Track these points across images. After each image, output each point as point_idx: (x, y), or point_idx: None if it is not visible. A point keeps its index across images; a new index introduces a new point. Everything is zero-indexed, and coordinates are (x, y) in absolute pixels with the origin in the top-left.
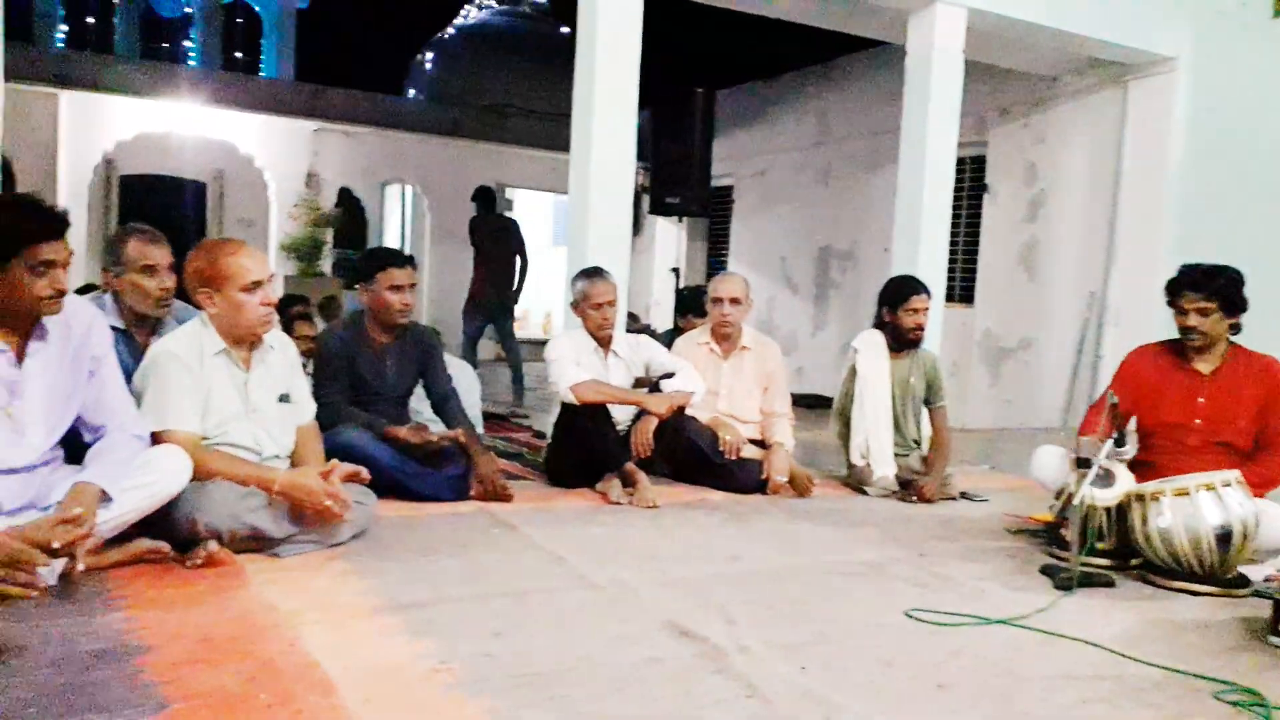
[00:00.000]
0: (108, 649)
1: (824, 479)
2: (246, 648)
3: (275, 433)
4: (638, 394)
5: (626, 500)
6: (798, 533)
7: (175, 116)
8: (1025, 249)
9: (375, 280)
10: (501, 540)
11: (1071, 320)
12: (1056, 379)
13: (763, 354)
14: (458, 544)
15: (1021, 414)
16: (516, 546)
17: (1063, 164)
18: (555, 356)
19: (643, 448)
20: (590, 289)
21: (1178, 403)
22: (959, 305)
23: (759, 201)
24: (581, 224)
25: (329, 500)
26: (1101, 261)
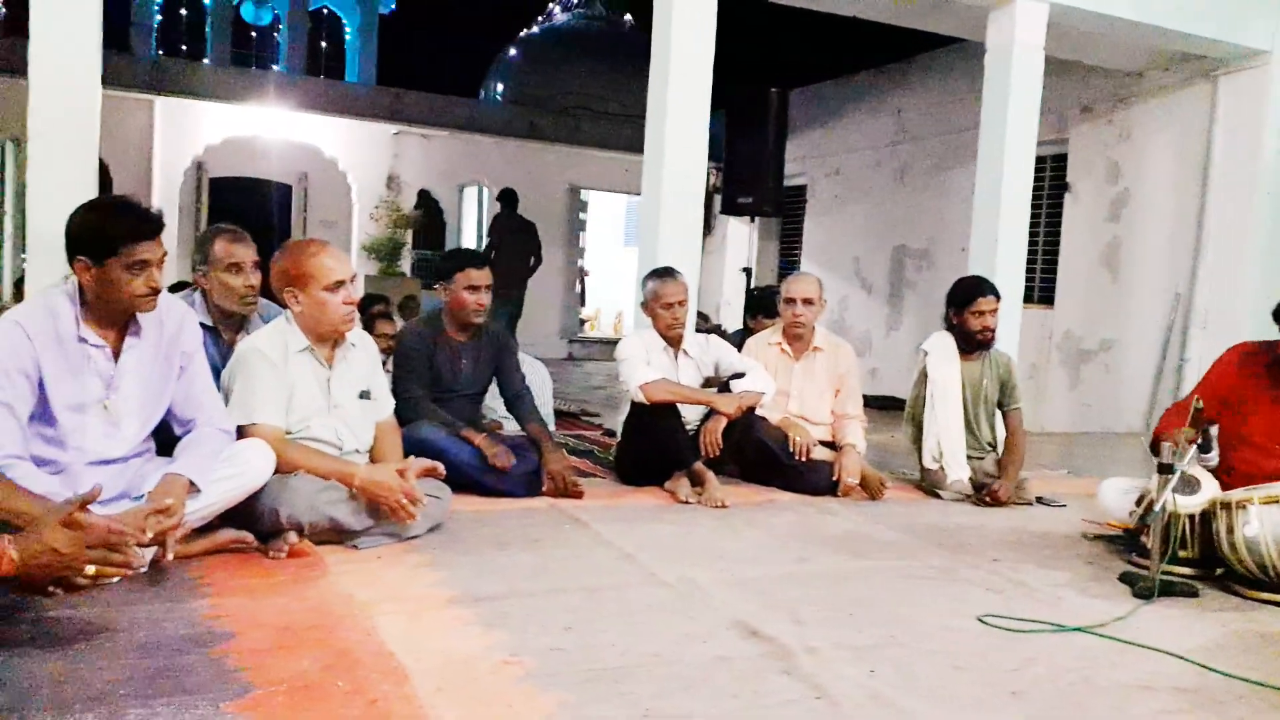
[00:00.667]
0: (193, 635)
1: (896, 482)
2: (325, 636)
3: (355, 428)
4: (707, 393)
5: (695, 499)
6: (868, 535)
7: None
8: (1107, 249)
9: (453, 280)
10: (572, 536)
11: (1155, 322)
12: (1138, 383)
13: (835, 355)
14: (529, 539)
15: (1101, 418)
16: (587, 543)
17: (1147, 162)
18: (626, 355)
19: (711, 447)
20: (661, 289)
21: (1264, 430)
22: (1038, 306)
23: (832, 201)
24: (653, 224)
25: (404, 498)
26: (1188, 262)
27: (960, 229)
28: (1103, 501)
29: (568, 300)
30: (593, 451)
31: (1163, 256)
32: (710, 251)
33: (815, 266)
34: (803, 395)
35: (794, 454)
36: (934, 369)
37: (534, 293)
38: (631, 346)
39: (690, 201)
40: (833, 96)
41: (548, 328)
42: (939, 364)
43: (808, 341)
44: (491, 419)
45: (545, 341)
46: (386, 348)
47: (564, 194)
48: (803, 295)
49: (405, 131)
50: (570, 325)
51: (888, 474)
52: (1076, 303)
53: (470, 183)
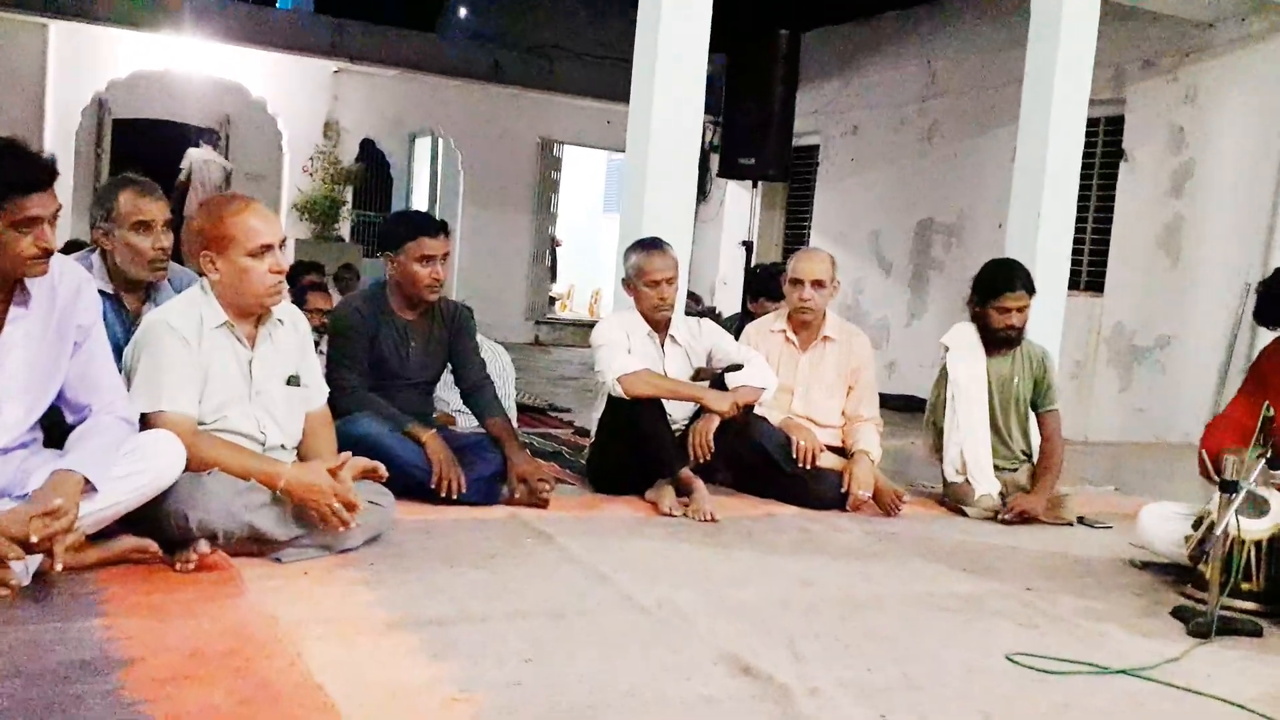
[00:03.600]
0: (85, 660)
1: (916, 495)
2: (241, 664)
3: (282, 419)
4: (697, 388)
5: (680, 511)
6: (882, 556)
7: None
8: (1167, 229)
9: (402, 249)
10: (536, 552)
11: (1221, 315)
12: (1200, 385)
13: (848, 346)
14: (486, 554)
15: (1156, 425)
16: (552, 560)
17: (1217, 128)
18: (603, 341)
19: (701, 450)
20: (646, 263)
21: None
22: (1085, 294)
23: (849, 165)
24: (638, 187)
25: (338, 503)
26: (1260, 247)
27: (997, 201)
28: (1143, 531)
29: (535, 275)
30: (561, 453)
31: (1231, 239)
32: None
33: (827, 242)
34: (809, 392)
35: (797, 461)
36: (955, 366)
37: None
38: (610, 330)
39: (683, 161)
40: (852, 42)
41: (511, 307)
42: (961, 360)
43: (817, 329)
44: (444, 412)
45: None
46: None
47: (533, 149)
48: (812, 275)
49: (346, 70)
50: (538, 304)
51: (905, 486)
52: (1130, 291)
53: (422, 132)
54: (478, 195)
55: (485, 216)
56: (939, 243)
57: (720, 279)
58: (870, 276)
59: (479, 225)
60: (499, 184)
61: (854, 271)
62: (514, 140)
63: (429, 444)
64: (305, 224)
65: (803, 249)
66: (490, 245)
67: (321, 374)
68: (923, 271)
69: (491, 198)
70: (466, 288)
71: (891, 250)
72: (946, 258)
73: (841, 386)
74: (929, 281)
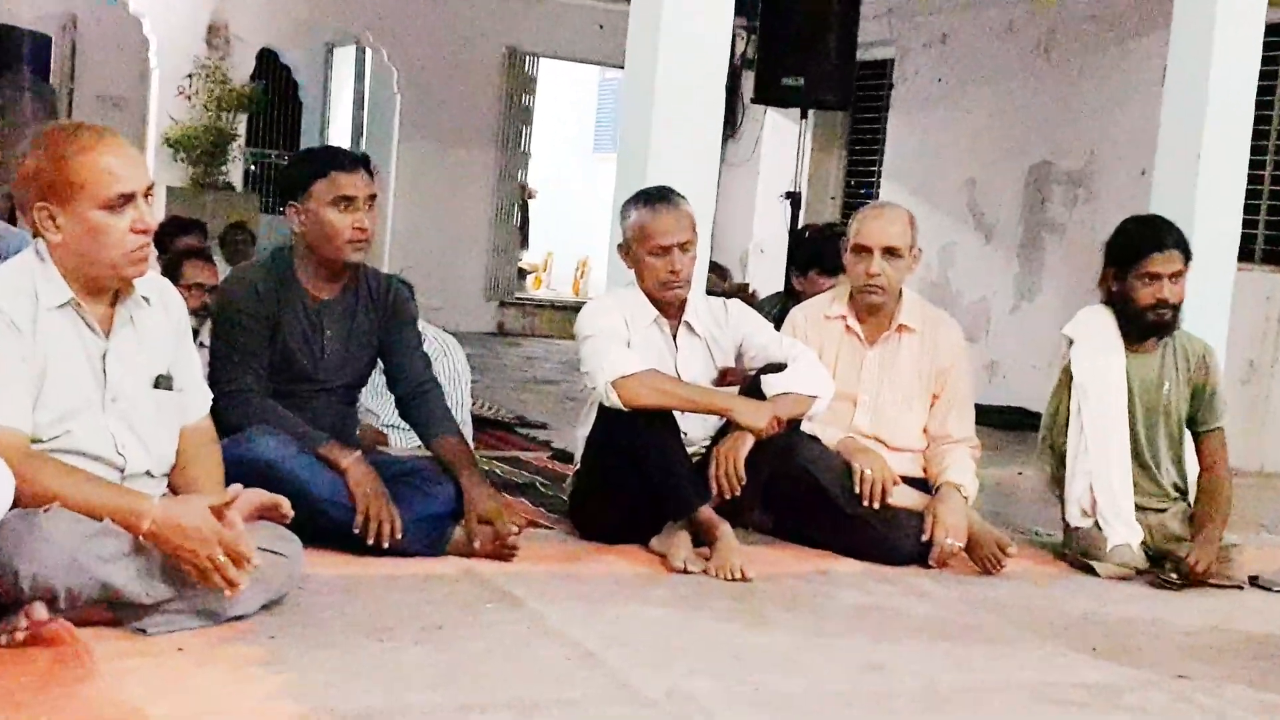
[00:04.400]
0: None
1: (1026, 547)
2: None
3: (147, 436)
4: (723, 395)
5: (699, 567)
6: (978, 632)
7: None
8: None
9: (309, 193)
10: (500, 622)
11: None
12: None
13: (933, 339)
14: (429, 625)
15: None
16: (522, 632)
17: None
18: (592, 330)
19: (729, 483)
20: (652, 223)
21: None
22: (1262, 268)
23: (934, 88)
24: (642, 117)
25: (225, 553)
26: None
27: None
28: None
29: (499, 238)
30: (535, 485)
31: None
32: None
33: (904, 195)
34: (879, 402)
35: (861, 497)
36: (1082, 366)
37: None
38: (602, 316)
39: (703, 82)
40: None
41: (466, 283)
42: (1090, 357)
43: (889, 316)
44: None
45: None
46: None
47: (497, 63)
48: (884, 240)
49: None
50: (503, 279)
51: (1012, 534)
52: None
53: (344, 40)
54: (420, 128)
55: (430, 158)
56: (1059, 196)
57: (755, 246)
58: (964, 242)
59: (421, 170)
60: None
61: (941, 235)
62: (470, 51)
63: (351, 472)
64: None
65: (870, 204)
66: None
67: (203, 374)
68: (1036, 236)
69: (439, 132)
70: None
71: (993, 206)
72: (1069, 217)
73: (923, 394)
74: (1045, 249)
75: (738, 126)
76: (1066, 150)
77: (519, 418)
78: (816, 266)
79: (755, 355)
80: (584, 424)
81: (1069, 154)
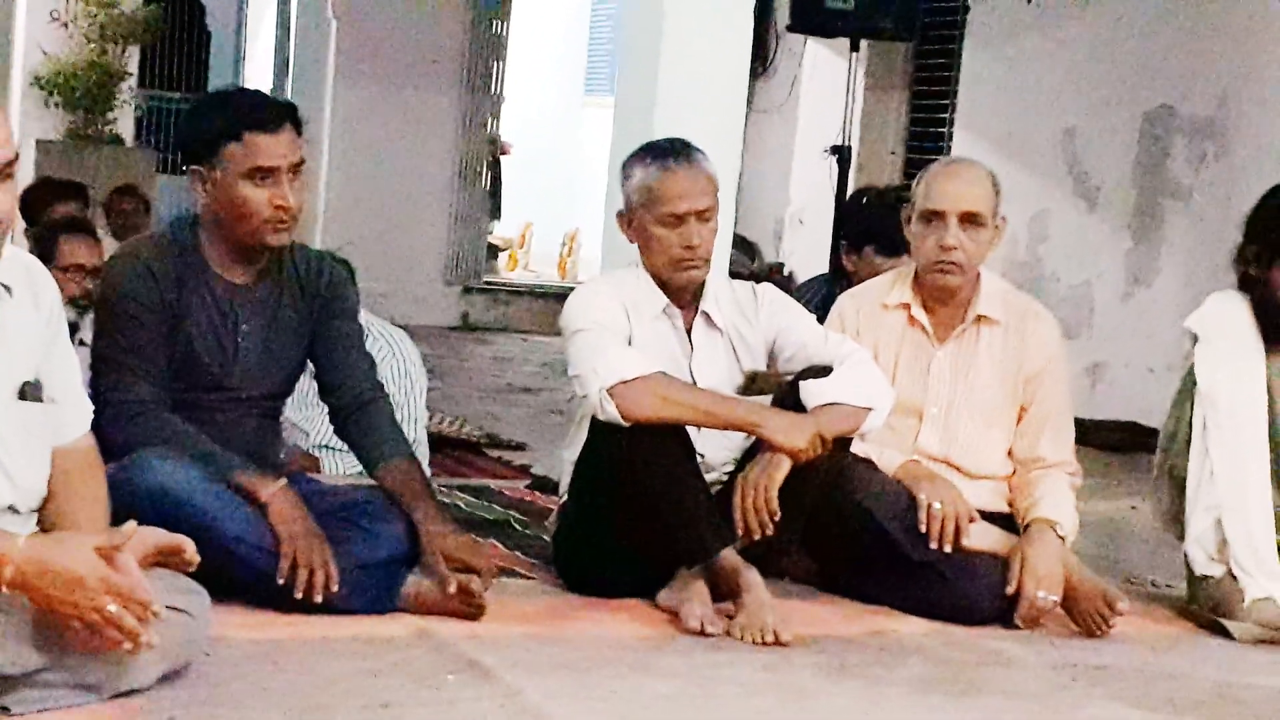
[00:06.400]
0: None
1: (1140, 600)
2: None
3: (10, 460)
4: (751, 406)
5: (720, 627)
6: (1080, 711)
7: None
8: None
9: (219, 155)
10: (463, 699)
11: None
12: None
13: (1021, 336)
14: (373, 702)
15: None
16: (492, 713)
17: None
18: (583, 323)
19: (757, 518)
20: (661, 184)
21: None
22: None
23: (1022, 12)
24: (646, 51)
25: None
26: None
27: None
28: None
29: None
30: (509, 522)
31: None
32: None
33: (983, 149)
34: (951, 417)
35: (928, 539)
36: (1212, 370)
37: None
38: (596, 305)
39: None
40: None
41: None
42: (1221, 361)
43: (965, 304)
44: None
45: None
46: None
47: None
48: (960, 205)
49: None
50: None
51: (1122, 585)
52: None
53: None
54: (361, 65)
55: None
56: (1183, 151)
57: (792, 215)
58: (1060, 211)
59: (363, 120)
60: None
61: (1031, 202)
62: None
63: (274, 505)
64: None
65: (942, 161)
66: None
67: (83, 381)
68: (1154, 203)
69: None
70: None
71: (1098, 165)
72: (1196, 178)
73: (1007, 406)
74: (1164, 220)
75: (770, 62)
76: (1193, 92)
77: (489, 436)
78: (871, 241)
79: (792, 355)
80: (572, 444)
81: (1196, 97)
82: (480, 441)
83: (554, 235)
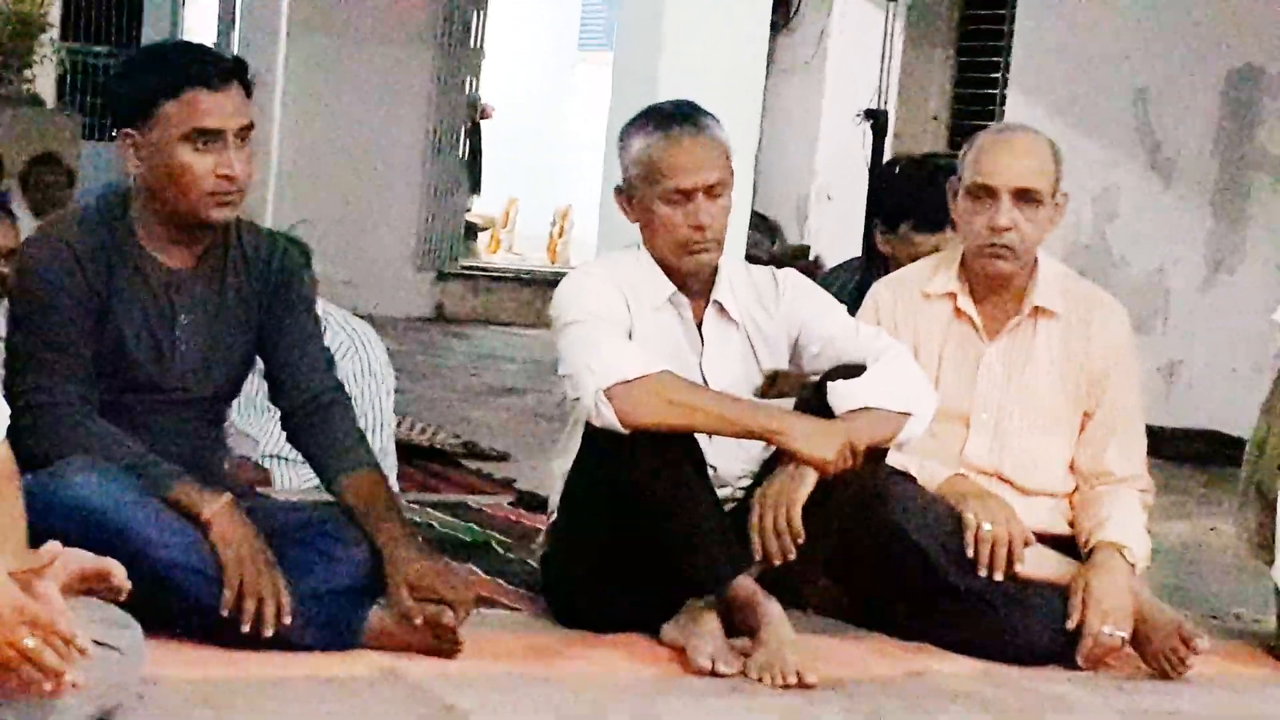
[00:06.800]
0: None
1: (1221, 636)
2: None
3: None
4: (772, 411)
5: (735, 667)
6: None
7: None
8: None
9: (155, 121)
10: None
11: None
12: None
13: (1085, 330)
14: None
15: None
16: None
17: None
18: (576, 314)
19: (778, 541)
20: (667, 155)
21: None
22: None
23: None
24: None
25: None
26: None
27: None
28: None
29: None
30: (489, 545)
31: None
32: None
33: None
34: (1004, 424)
35: (977, 565)
36: None
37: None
38: (590, 294)
39: None
40: None
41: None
42: None
43: (1020, 294)
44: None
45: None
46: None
47: None
48: (1016, 180)
49: None
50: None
51: (1199, 619)
52: None
53: None
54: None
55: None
56: (1272, 116)
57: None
58: (1130, 186)
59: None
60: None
61: (1097, 176)
62: None
63: (217, 525)
64: None
65: (993, 128)
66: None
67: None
68: (1238, 176)
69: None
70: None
71: (1174, 133)
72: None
73: (1069, 411)
74: (1251, 196)
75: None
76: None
77: (466, 445)
78: (908, 216)
79: (819, 351)
80: (563, 454)
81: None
82: (456, 451)
83: (542, 213)
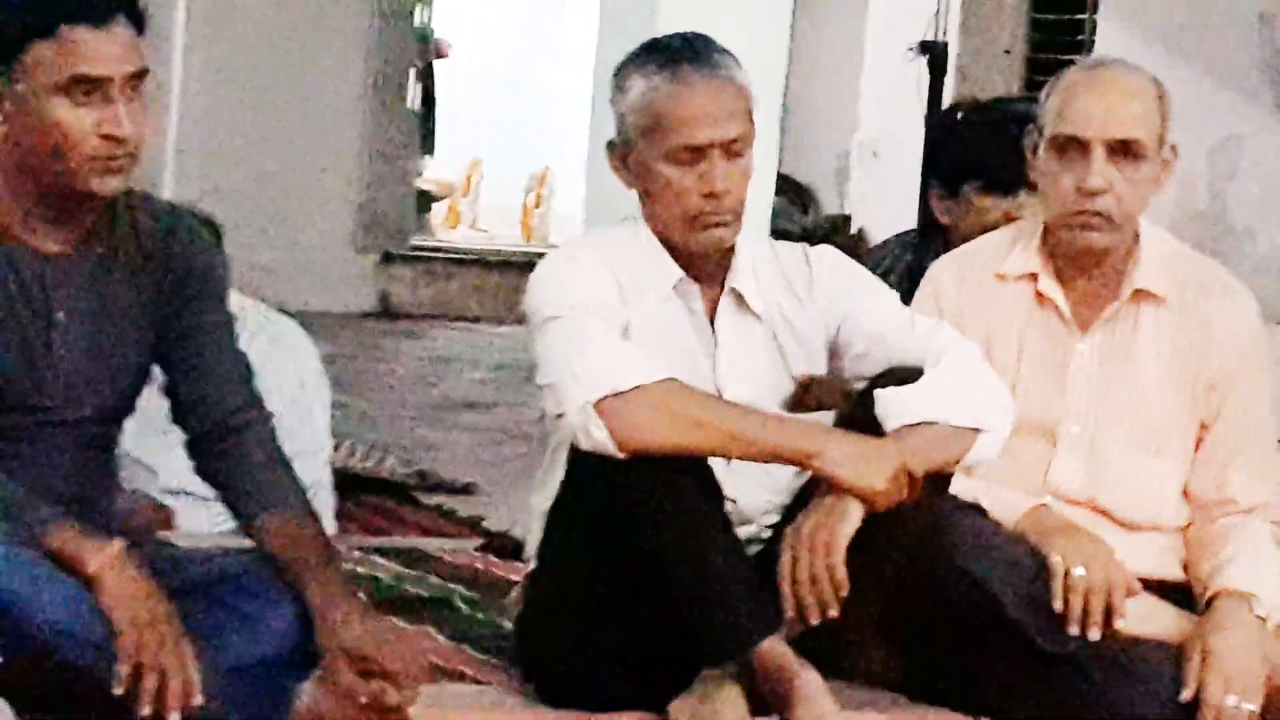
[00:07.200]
0: None
1: None
2: None
3: None
4: (804, 428)
5: None
6: None
7: None
8: None
9: (20, 68)
10: None
11: None
12: None
13: (1201, 321)
14: None
15: None
16: None
17: None
18: (558, 307)
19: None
20: (672, 102)
21: None
22: None
23: None
24: None
25: None
26: None
27: None
28: None
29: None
30: (449, 601)
31: None
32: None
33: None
34: (1100, 439)
35: (1067, 621)
36: None
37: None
38: (576, 280)
39: None
40: None
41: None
42: None
43: (1118, 274)
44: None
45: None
46: None
47: None
48: (1111, 131)
49: None
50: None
51: None
52: None
53: None
54: None
55: None
56: None
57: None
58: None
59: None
60: None
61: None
62: None
63: (107, 579)
64: None
65: (1081, 65)
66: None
67: None
68: None
69: None
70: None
71: None
72: None
73: (1183, 423)
74: None
75: None
76: None
77: (420, 474)
78: (977, 180)
79: (865, 351)
80: (543, 486)
81: None
82: (409, 483)
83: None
